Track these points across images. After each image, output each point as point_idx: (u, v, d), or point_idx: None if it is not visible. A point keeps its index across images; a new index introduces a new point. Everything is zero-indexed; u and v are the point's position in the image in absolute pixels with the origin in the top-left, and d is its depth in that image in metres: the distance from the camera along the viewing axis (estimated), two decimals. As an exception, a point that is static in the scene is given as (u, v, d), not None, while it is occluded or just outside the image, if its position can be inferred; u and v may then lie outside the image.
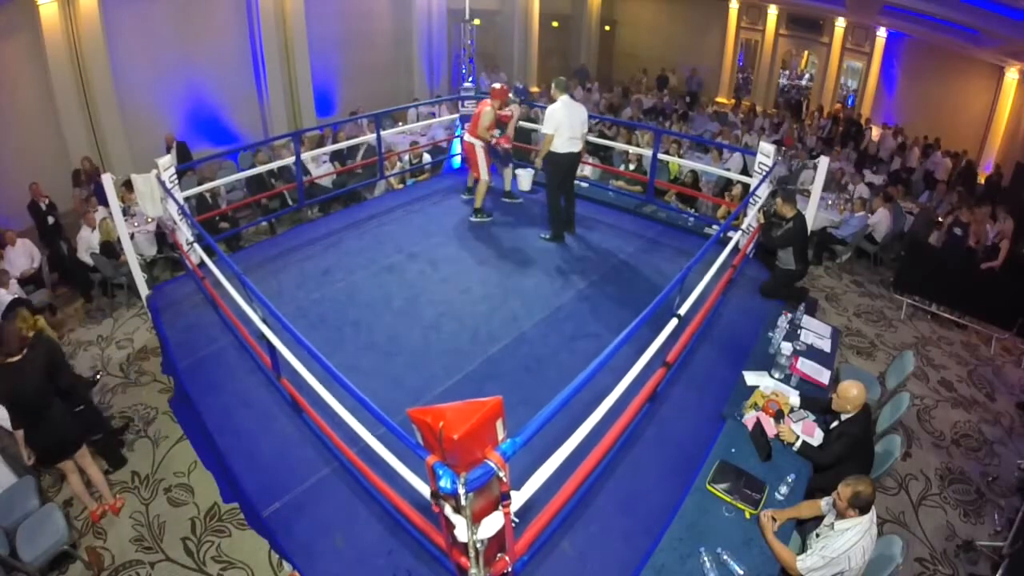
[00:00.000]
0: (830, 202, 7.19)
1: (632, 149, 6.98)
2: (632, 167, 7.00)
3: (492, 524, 1.77)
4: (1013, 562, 3.12)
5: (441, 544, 2.11)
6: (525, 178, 6.59)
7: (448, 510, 1.75)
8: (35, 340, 3.24)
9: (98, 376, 4.66)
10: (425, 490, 1.96)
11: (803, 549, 2.53)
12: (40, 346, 3.21)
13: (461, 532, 1.72)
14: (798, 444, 2.93)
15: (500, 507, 1.78)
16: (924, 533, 3.56)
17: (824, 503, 2.61)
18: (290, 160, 5.95)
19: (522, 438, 1.80)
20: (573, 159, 5.04)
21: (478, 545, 1.73)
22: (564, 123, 4.84)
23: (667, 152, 7.17)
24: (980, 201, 7.21)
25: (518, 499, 1.89)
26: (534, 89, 13.62)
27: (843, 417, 2.98)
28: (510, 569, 2.00)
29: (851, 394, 2.88)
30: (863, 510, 2.38)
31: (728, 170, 6.93)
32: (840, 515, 2.44)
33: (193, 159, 7.66)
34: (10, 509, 3.21)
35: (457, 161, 7.32)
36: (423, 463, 1.72)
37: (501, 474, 1.63)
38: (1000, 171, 9.55)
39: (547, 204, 5.33)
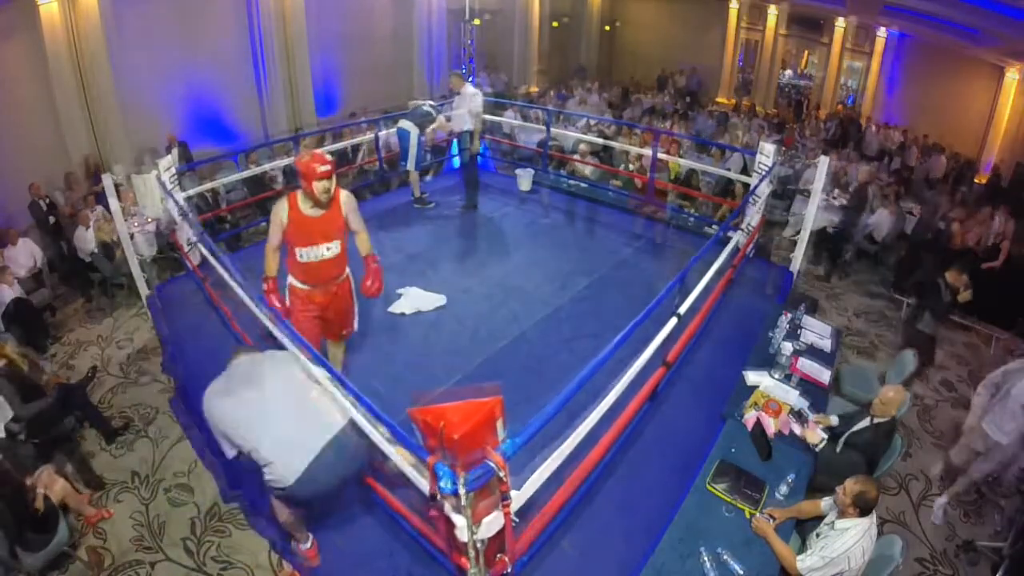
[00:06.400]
0: (836, 202, 7.15)
1: (633, 149, 6.97)
2: (633, 167, 7.00)
3: (492, 524, 1.77)
4: (1013, 563, 3.12)
5: (441, 545, 2.11)
6: (525, 178, 6.59)
7: (448, 510, 1.75)
8: None
9: (92, 374, 4.64)
10: (426, 490, 1.96)
11: (803, 549, 2.53)
12: None
13: (461, 532, 1.72)
14: (821, 445, 2.99)
15: (500, 507, 1.78)
16: (924, 533, 3.55)
17: (825, 502, 2.61)
18: (289, 160, 5.95)
19: (522, 438, 1.80)
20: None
21: (478, 545, 1.73)
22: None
23: (667, 152, 7.16)
24: (979, 201, 7.22)
25: (518, 499, 1.89)
26: (532, 89, 13.60)
27: (875, 420, 3.05)
28: (510, 569, 1.99)
29: (888, 395, 3.02)
30: (864, 512, 2.37)
31: (728, 170, 6.93)
32: (841, 513, 2.43)
33: (193, 159, 7.66)
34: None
35: (457, 161, 7.32)
36: (424, 463, 1.72)
37: (501, 474, 1.63)
38: (999, 171, 9.54)
39: (470, 180, 5.96)
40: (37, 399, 3.76)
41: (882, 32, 11.68)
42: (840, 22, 12.38)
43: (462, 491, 1.56)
